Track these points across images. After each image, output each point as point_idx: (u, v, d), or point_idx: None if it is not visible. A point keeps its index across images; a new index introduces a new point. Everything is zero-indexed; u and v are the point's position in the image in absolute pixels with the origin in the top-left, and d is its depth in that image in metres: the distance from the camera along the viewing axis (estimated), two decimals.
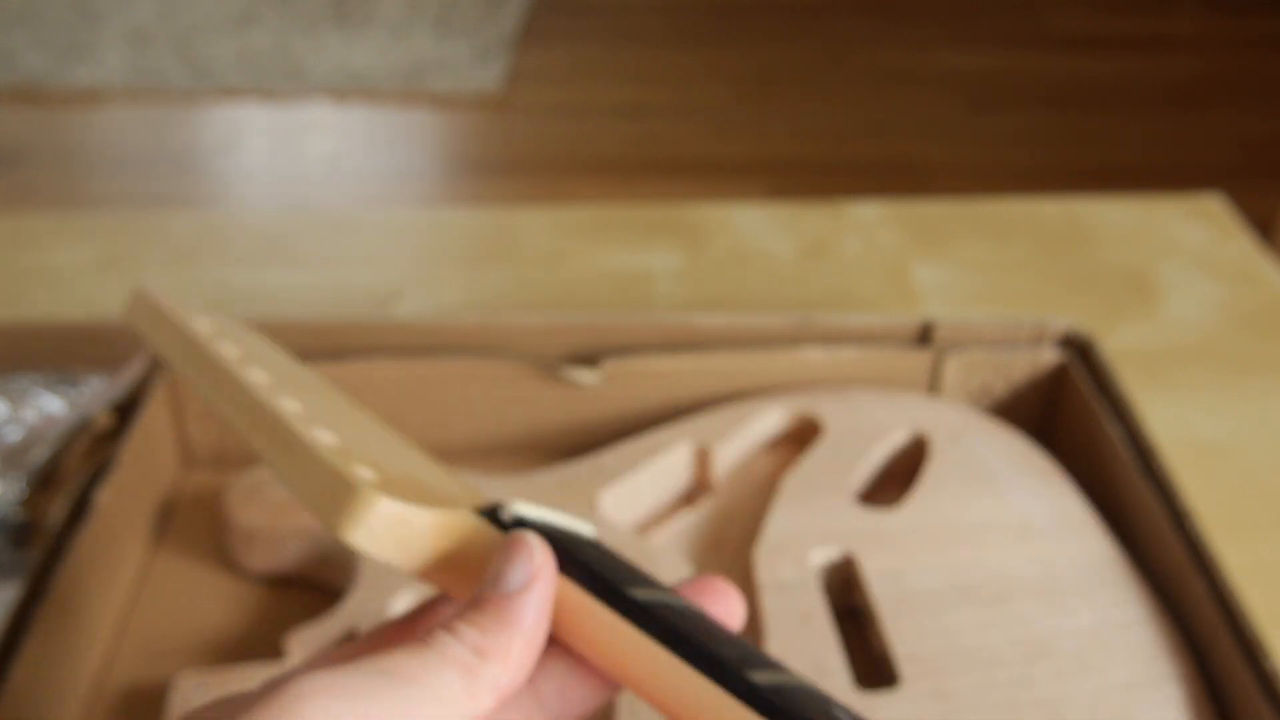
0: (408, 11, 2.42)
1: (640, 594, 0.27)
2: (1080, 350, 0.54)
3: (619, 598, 0.27)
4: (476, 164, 2.01)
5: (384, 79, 2.19)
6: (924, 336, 0.54)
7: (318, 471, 0.27)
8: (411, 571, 0.27)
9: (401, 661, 0.25)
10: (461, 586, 0.28)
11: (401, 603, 0.43)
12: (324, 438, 0.29)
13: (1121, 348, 0.63)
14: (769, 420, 0.51)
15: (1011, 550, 0.45)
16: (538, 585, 0.27)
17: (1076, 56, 2.34)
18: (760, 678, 0.24)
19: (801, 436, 0.51)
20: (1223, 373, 0.62)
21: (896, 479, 0.50)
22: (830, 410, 0.51)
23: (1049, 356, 0.54)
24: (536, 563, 0.27)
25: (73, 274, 0.69)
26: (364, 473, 0.27)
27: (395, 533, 0.26)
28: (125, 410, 0.51)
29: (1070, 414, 0.53)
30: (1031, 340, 0.54)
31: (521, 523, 0.28)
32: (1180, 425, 0.58)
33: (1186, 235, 0.74)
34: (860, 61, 2.31)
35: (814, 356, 0.53)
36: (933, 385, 0.54)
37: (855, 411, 0.51)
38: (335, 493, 0.26)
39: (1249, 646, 0.39)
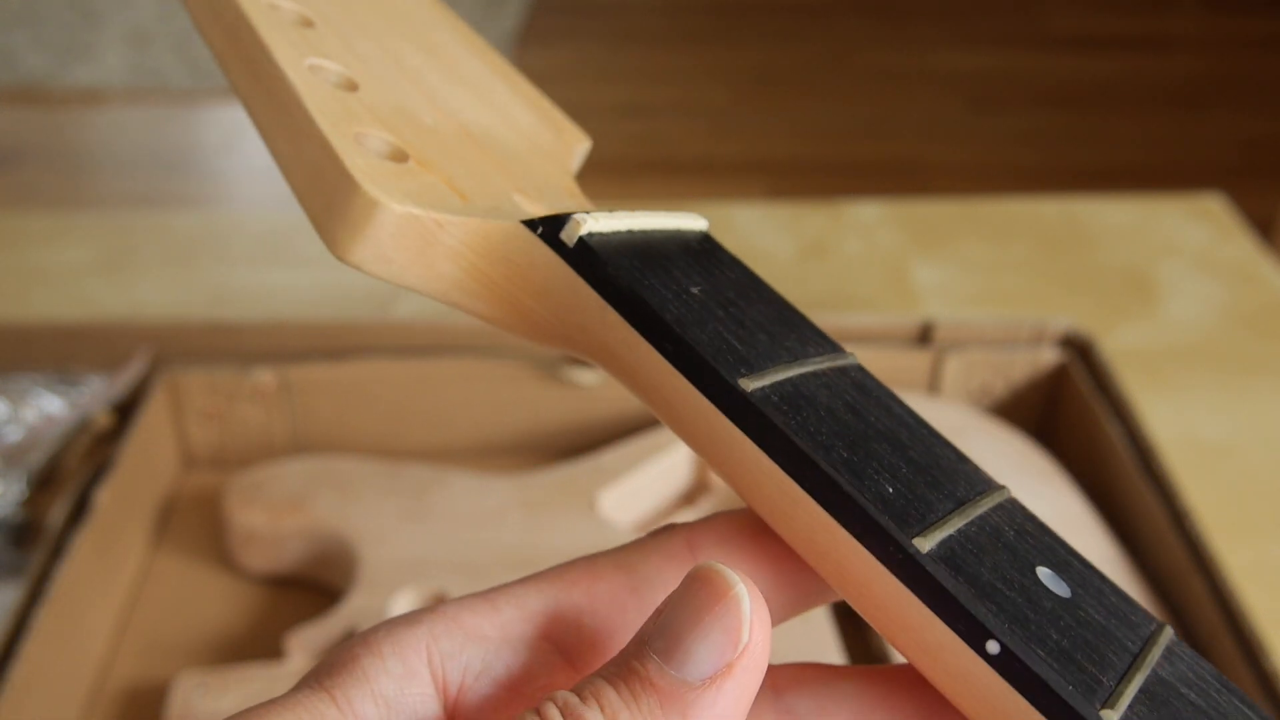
0: None
1: (765, 384, 0.19)
2: (1080, 350, 0.54)
3: (729, 391, 0.19)
4: None
5: None
6: (924, 336, 0.54)
7: (308, 142, 0.19)
8: (444, 300, 0.20)
9: None
10: (512, 321, 0.21)
11: (402, 603, 0.43)
12: (328, 72, 0.20)
13: (1121, 348, 0.63)
14: None
15: None
16: (739, 677, 0.17)
17: (1076, 56, 2.34)
18: (929, 541, 0.18)
19: None
20: (1223, 373, 0.62)
21: None
22: None
23: (1049, 356, 0.54)
24: (744, 640, 0.17)
25: (73, 274, 0.69)
26: (375, 142, 0.19)
27: (412, 250, 0.19)
28: (125, 410, 0.51)
29: (1070, 414, 0.53)
30: (1031, 340, 0.54)
31: (589, 250, 0.20)
32: (1180, 425, 0.58)
33: (1186, 235, 0.74)
34: (860, 61, 2.31)
35: None
36: (933, 385, 0.54)
37: None
38: (328, 183, 0.18)
39: (1249, 646, 0.39)
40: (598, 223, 0.20)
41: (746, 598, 0.17)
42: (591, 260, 0.20)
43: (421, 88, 0.23)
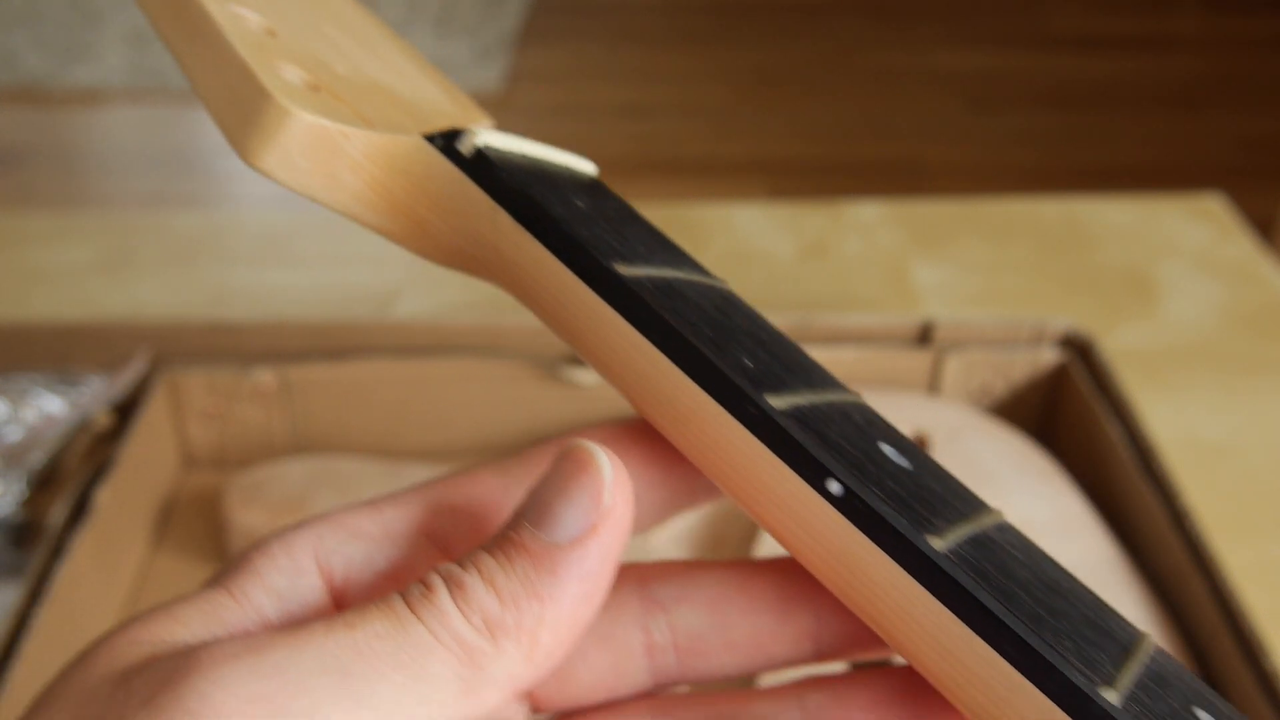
0: (408, 11, 2.42)
1: (639, 273, 0.21)
2: (1080, 350, 0.54)
3: (606, 275, 0.21)
4: None
5: None
6: (924, 336, 0.54)
7: (227, 68, 0.20)
8: (344, 212, 0.21)
9: (366, 643, 0.17)
10: (411, 236, 0.22)
11: None
12: (248, 20, 0.22)
13: (1121, 348, 0.63)
14: None
15: None
16: (602, 538, 0.19)
17: (1076, 56, 2.34)
18: (781, 401, 0.20)
19: None
20: (1223, 373, 0.62)
21: None
22: None
23: (1049, 356, 0.54)
24: (606, 504, 0.19)
25: (73, 274, 0.69)
26: (290, 74, 0.21)
27: (318, 160, 0.20)
28: (125, 410, 0.51)
29: (1070, 414, 0.53)
30: (1031, 340, 0.54)
31: (484, 159, 0.22)
32: (1180, 425, 0.58)
33: (1186, 235, 0.74)
34: (860, 61, 2.31)
35: (814, 357, 0.52)
36: (933, 385, 0.54)
37: None
38: (243, 100, 0.20)
39: (1249, 646, 0.39)
40: (493, 138, 0.22)
41: (608, 466, 0.19)
42: (485, 167, 0.22)
43: (336, 49, 0.24)
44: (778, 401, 0.20)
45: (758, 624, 0.21)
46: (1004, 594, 0.19)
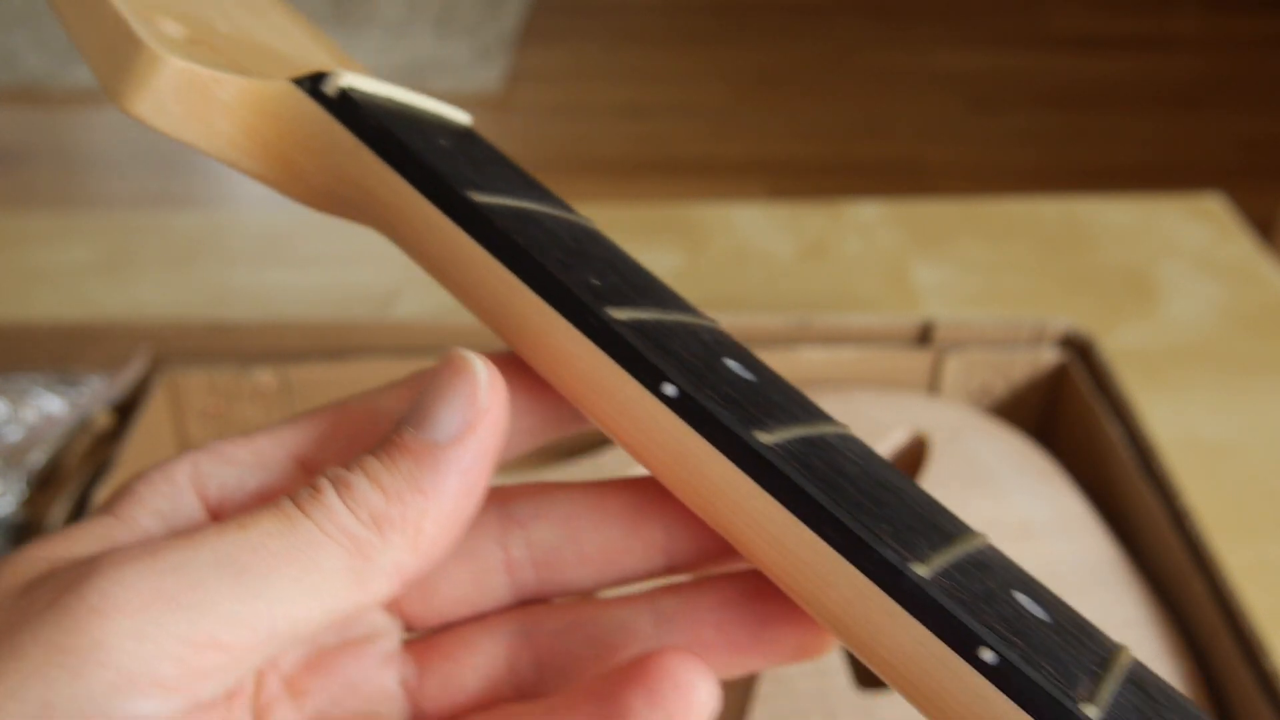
0: (408, 11, 2.42)
1: (493, 200, 0.22)
2: (1080, 350, 0.54)
3: (460, 201, 0.22)
4: None
5: (384, 79, 2.18)
6: (924, 336, 0.54)
7: (103, 21, 0.21)
8: (220, 157, 0.22)
9: (259, 540, 0.18)
10: (284, 180, 0.23)
11: None
12: None
13: (1121, 348, 0.63)
14: None
15: (1011, 550, 0.44)
16: (479, 436, 0.20)
17: (1076, 56, 2.34)
18: (623, 314, 0.21)
19: None
20: (1223, 373, 0.62)
21: None
22: (830, 410, 0.51)
23: (1049, 356, 0.54)
24: (481, 404, 0.20)
25: (73, 274, 0.69)
26: (169, 28, 0.22)
27: (191, 104, 0.21)
28: (125, 410, 0.51)
29: (1070, 414, 0.53)
30: (1031, 340, 0.54)
31: (348, 100, 0.23)
32: (1180, 425, 0.58)
33: (1186, 235, 0.74)
34: (860, 62, 2.31)
35: (814, 356, 0.53)
36: (933, 385, 0.54)
37: (855, 411, 0.51)
38: (118, 48, 0.21)
39: (1249, 646, 0.39)
40: (359, 81, 0.23)
41: (483, 370, 0.20)
42: (349, 107, 0.23)
43: (221, 10, 0.25)
44: (619, 314, 0.21)
45: (609, 538, 0.22)
46: (827, 483, 0.20)
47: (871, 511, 0.20)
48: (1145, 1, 2.55)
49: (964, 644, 0.18)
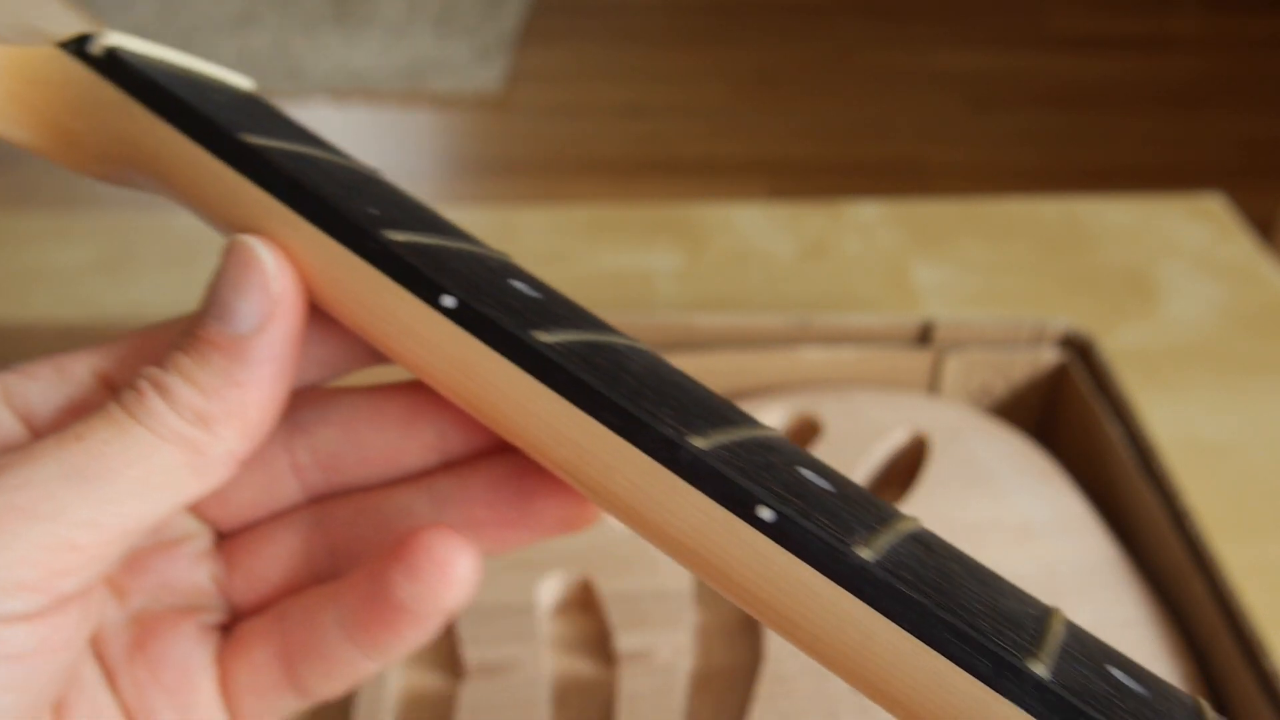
0: (408, 11, 2.42)
1: (266, 142, 0.23)
2: (1080, 350, 0.54)
3: (233, 144, 0.22)
4: (476, 164, 2.01)
5: (384, 79, 2.19)
6: (924, 336, 0.54)
7: None
8: None
9: (98, 449, 0.20)
10: (58, 148, 0.24)
11: None
12: None
13: (1121, 348, 0.63)
14: (769, 420, 0.51)
15: (1011, 550, 0.45)
16: (278, 324, 0.21)
17: (1076, 56, 2.34)
18: (400, 236, 0.22)
19: (801, 436, 0.51)
20: (1223, 373, 0.62)
21: (896, 479, 0.50)
22: (830, 410, 0.51)
23: (1049, 356, 0.54)
24: (275, 291, 0.21)
25: (73, 274, 0.69)
26: None
27: None
28: None
29: (1070, 414, 0.53)
30: (1031, 340, 0.54)
31: (115, 58, 0.23)
32: (1180, 425, 0.58)
33: (1186, 235, 0.74)
34: (860, 61, 2.31)
35: (814, 356, 0.53)
36: (933, 385, 0.54)
37: (855, 411, 0.51)
38: None
39: (1249, 646, 0.39)
40: (126, 40, 0.23)
41: (269, 258, 0.21)
42: (116, 65, 0.23)
43: None
44: (397, 236, 0.22)
45: (387, 440, 0.24)
46: (608, 375, 0.21)
47: (651, 399, 0.21)
48: (1145, 1, 2.55)
49: (741, 505, 0.19)
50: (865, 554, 0.18)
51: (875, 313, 0.65)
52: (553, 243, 0.72)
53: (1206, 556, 0.42)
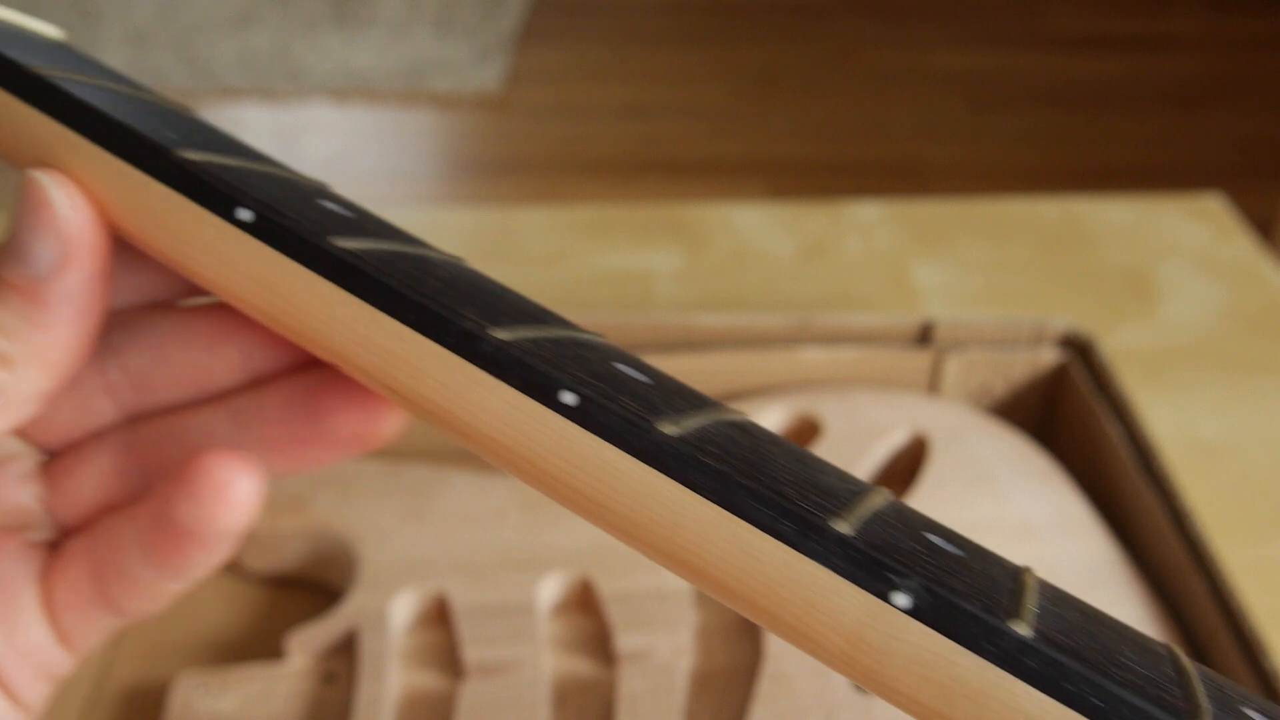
0: (408, 11, 2.42)
1: (57, 73, 0.22)
2: (1080, 350, 0.54)
3: (30, 79, 0.22)
4: (476, 164, 2.01)
5: (384, 79, 2.19)
6: (924, 336, 0.54)
7: None
8: None
9: None
10: None
11: (403, 603, 0.43)
12: None
13: (1121, 348, 0.63)
14: (769, 420, 0.51)
15: (1011, 550, 0.44)
16: (75, 265, 0.21)
17: (1076, 56, 2.34)
18: (195, 155, 0.22)
19: (801, 436, 0.51)
20: (1223, 373, 0.62)
21: (896, 479, 0.50)
22: (830, 410, 0.51)
23: (1049, 356, 0.54)
24: (69, 232, 0.21)
25: None
26: None
27: None
28: None
29: (1070, 414, 0.53)
30: (1031, 340, 0.54)
31: None
32: (1180, 425, 0.58)
33: (1186, 235, 0.74)
34: (860, 61, 2.31)
35: (814, 356, 0.53)
36: (933, 385, 0.54)
37: (855, 411, 0.51)
38: None
39: (1249, 646, 0.39)
40: None
41: (61, 197, 0.20)
42: None
43: None
44: (192, 155, 0.21)
45: (194, 359, 0.24)
46: (408, 277, 0.21)
47: (455, 298, 0.21)
48: (1145, 1, 2.55)
49: (544, 391, 0.19)
50: (669, 430, 0.19)
51: (875, 313, 0.65)
52: (553, 243, 0.72)
53: (1206, 556, 0.42)
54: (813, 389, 0.53)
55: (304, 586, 0.48)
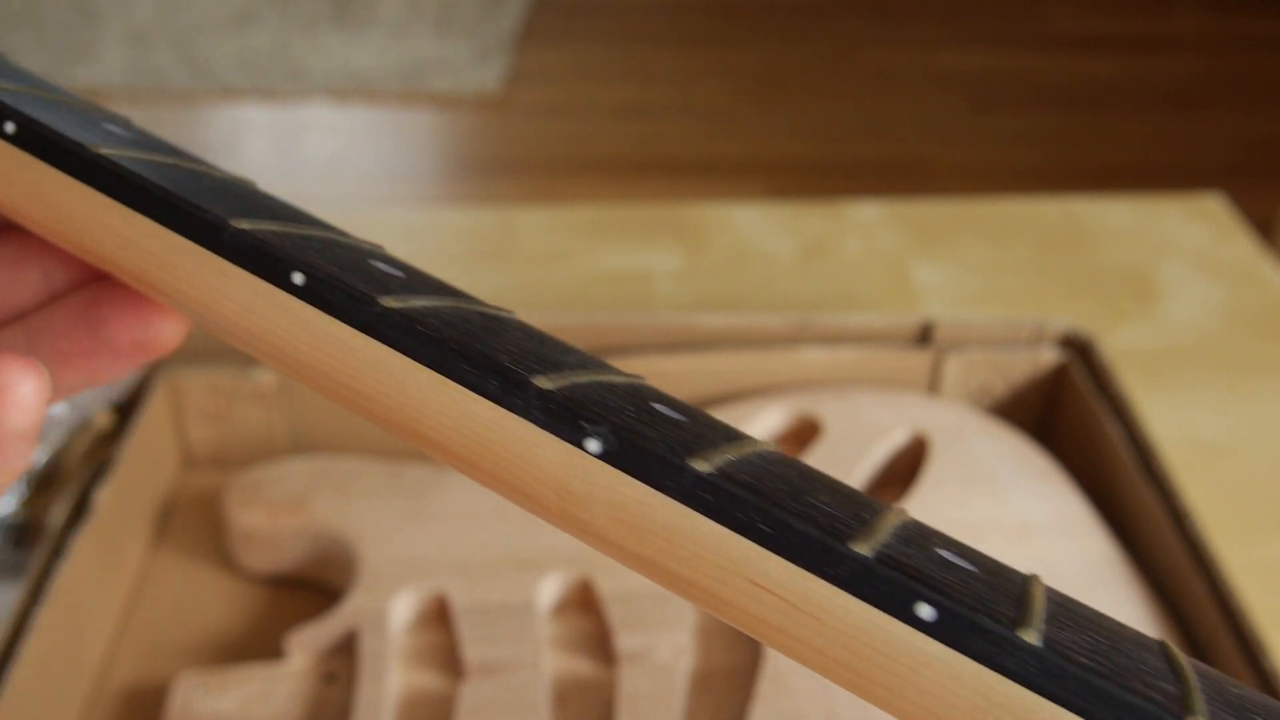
0: (408, 11, 2.42)
1: None
2: (1080, 350, 0.54)
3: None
4: (476, 164, 2.01)
5: (384, 79, 2.19)
6: (924, 336, 0.54)
7: None
8: None
9: None
10: None
11: (403, 603, 0.43)
12: None
13: (1121, 348, 0.63)
14: (769, 420, 0.51)
15: (1011, 550, 0.45)
16: None
17: (1076, 56, 2.34)
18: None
19: (801, 436, 0.51)
20: (1223, 373, 0.62)
21: (896, 479, 0.50)
22: (830, 410, 0.51)
23: (1049, 356, 0.54)
24: None
25: None
26: None
27: None
28: (125, 410, 0.51)
29: (1070, 414, 0.53)
30: (1031, 340, 0.54)
31: None
32: (1180, 425, 0.58)
33: (1186, 235, 0.74)
34: (860, 61, 2.31)
35: (814, 356, 0.53)
36: (933, 385, 0.54)
37: (855, 411, 0.51)
38: None
39: (1249, 646, 0.39)
40: None
41: None
42: None
43: None
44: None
45: (1, 282, 0.26)
46: (164, 175, 0.22)
47: (209, 197, 0.22)
48: (1145, 1, 2.55)
49: (278, 274, 0.21)
50: (390, 303, 0.20)
51: (875, 313, 0.65)
52: (553, 243, 0.72)
53: (1206, 556, 0.42)
54: (813, 389, 0.53)
55: (304, 586, 0.48)
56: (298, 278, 0.20)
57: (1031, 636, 0.17)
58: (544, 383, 0.19)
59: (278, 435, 0.53)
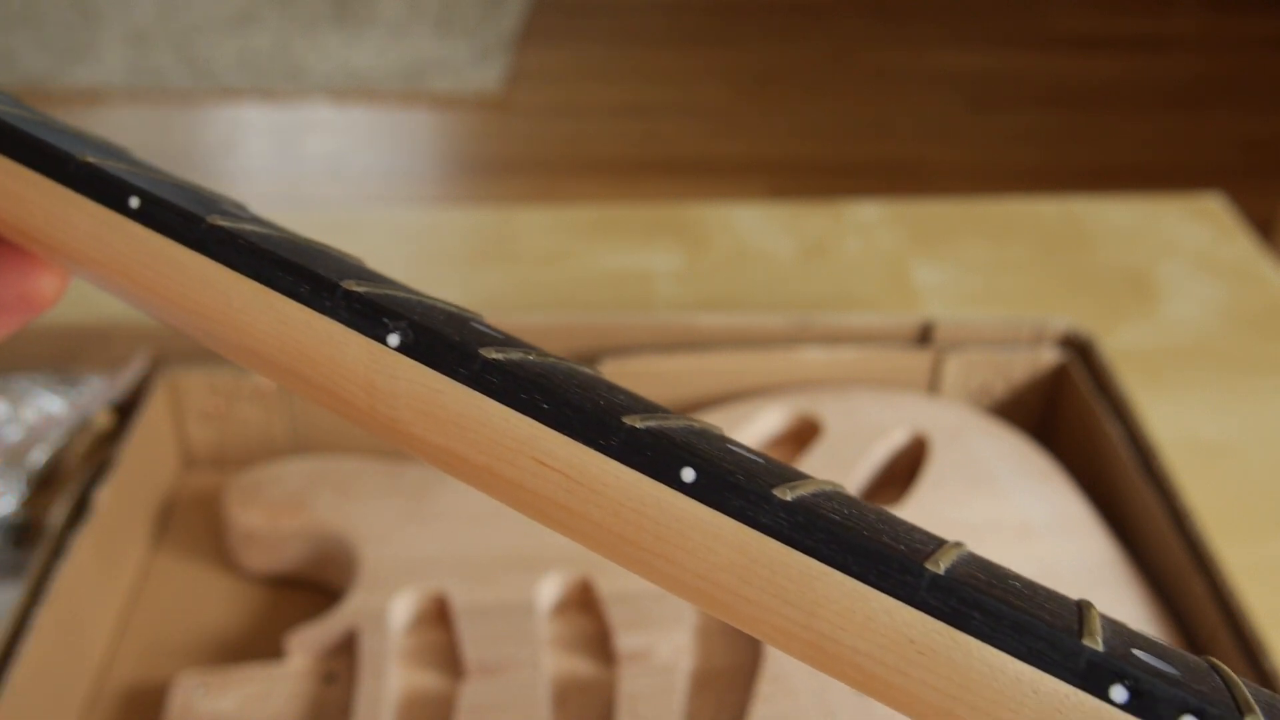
0: (408, 11, 2.42)
1: None
2: (1080, 350, 0.54)
3: None
4: (476, 164, 2.01)
5: (384, 79, 2.19)
6: (924, 336, 0.54)
7: None
8: None
9: None
10: None
11: (403, 603, 0.43)
12: None
13: (1121, 348, 0.63)
14: (769, 420, 0.51)
15: (1011, 550, 0.45)
16: None
17: (1076, 56, 2.34)
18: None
19: (801, 436, 0.51)
20: (1223, 373, 0.62)
21: (896, 479, 0.50)
22: (830, 410, 0.51)
23: (1049, 356, 0.54)
24: None
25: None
26: None
27: None
28: (125, 410, 0.51)
29: (1070, 414, 0.53)
30: (1031, 340, 0.54)
31: None
32: (1180, 425, 0.58)
33: (1186, 235, 0.74)
34: (860, 61, 2.31)
35: (814, 356, 0.53)
36: (933, 385, 0.54)
37: (855, 411, 0.51)
38: None
39: (1249, 646, 0.39)
40: None
41: None
42: None
43: None
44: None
45: None
46: (33, 124, 0.23)
47: (58, 136, 0.23)
48: (1145, 1, 2.55)
49: (118, 200, 0.22)
50: (220, 222, 0.21)
51: (875, 313, 0.65)
52: (553, 243, 0.72)
53: (1206, 556, 0.42)
54: (813, 389, 0.53)
55: (304, 586, 0.48)
56: (134, 201, 0.22)
57: (786, 494, 0.18)
58: (351, 285, 0.20)
59: (278, 435, 0.53)
